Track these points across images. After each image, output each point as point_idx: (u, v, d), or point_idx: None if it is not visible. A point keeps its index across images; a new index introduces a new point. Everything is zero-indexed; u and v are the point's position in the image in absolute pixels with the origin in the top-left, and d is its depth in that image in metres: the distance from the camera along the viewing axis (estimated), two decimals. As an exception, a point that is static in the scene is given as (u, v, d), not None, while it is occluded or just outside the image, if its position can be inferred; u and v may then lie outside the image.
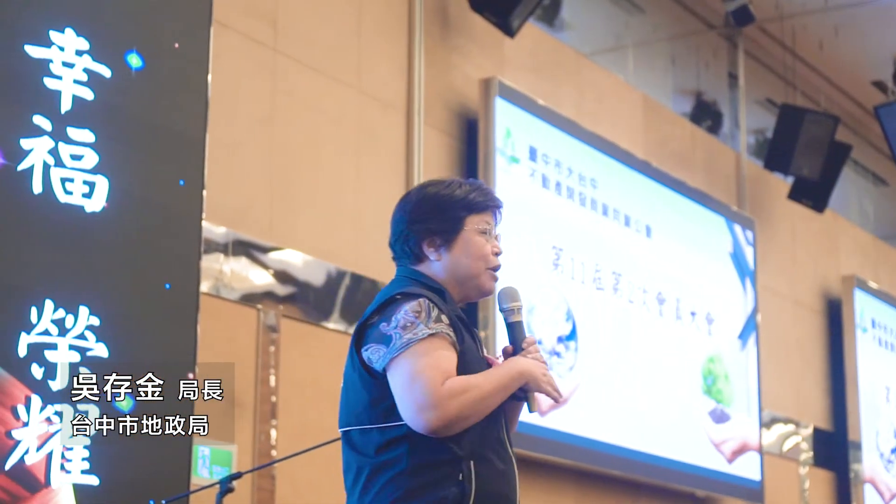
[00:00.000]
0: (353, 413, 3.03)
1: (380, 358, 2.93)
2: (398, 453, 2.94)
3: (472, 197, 3.11)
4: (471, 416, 2.90)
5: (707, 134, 9.83)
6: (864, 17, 9.95)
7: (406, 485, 2.92)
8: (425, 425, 2.86)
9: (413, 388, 2.88)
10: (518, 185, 7.21)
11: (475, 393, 2.91)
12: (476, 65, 7.35)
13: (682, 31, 10.03)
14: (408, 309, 2.94)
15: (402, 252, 3.13)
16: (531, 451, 7.05)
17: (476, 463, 2.95)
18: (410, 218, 3.10)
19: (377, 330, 2.96)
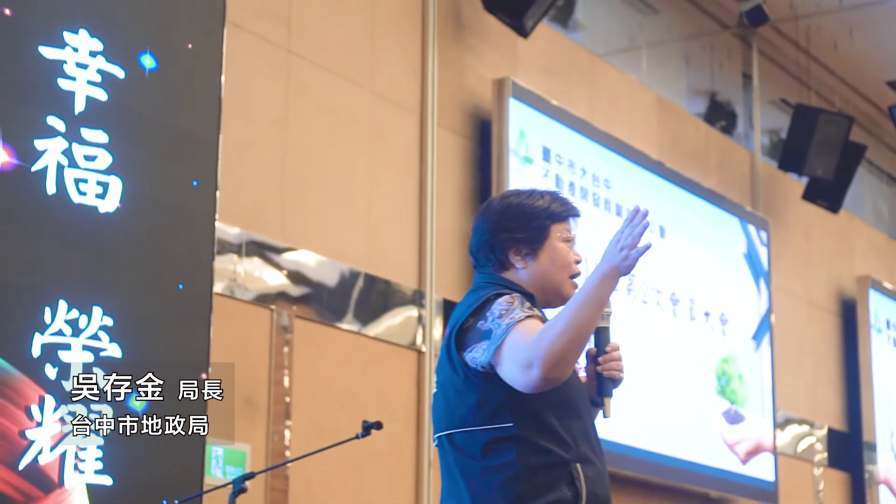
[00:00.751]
0: (455, 416, 3.05)
1: (484, 351, 2.97)
2: (507, 456, 2.97)
3: (554, 206, 3.17)
4: (572, 346, 2.90)
5: (721, 134, 9.81)
6: (878, 16, 9.92)
7: (519, 488, 2.96)
8: (536, 379, 2.88)
9: (515, 356, 2.90)
10: (532, 185, 7.18)
11: (560, 321, 2.91)
12: (489, 65, 7.35)
13: (696, 31, 10.01)
14: (502, 301, 3.00)
15: (487, 259, 3.17)
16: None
17: (582, 465, 3.00)
18: (496, 227, 3.16)
19: (476, 330, 3.00)
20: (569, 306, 2.93)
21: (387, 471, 6.35)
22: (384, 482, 6.33)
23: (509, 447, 2.97)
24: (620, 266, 2.97)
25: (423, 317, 6.64)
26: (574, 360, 2.93)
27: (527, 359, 2.88)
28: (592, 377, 3.15)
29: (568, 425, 3.01)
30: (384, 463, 6.33)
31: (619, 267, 2.96)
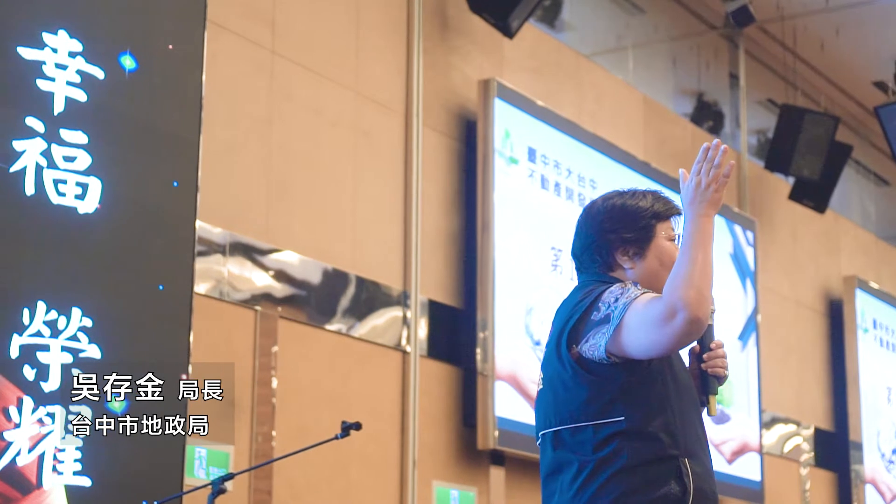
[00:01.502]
0: (565, 412, 3.07)
1: (604, 334, 2.99)
2: (616, 451, 2.99)
3: (658, 206, 3.21)
4: (704, 283, 2.95)
5: (708, 134, 9.81)
6: (865, 17, 9.93)
7: (628, 481, 2.98)
8: (682, 325, 2.90)
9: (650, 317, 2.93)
10: (517, 185, 7.21)
11: (682, 267, 2.95)
12: (475, 66, 7.35)
13: (682, 31, 10.02)
14: (613, 288, 3.05)
15: (592, 261, 3.20)
16: (530, 453, 7.05)
17: (690, 460, 3.02)
18: (602, 228, 3.19)
19: (590, 321, 3.03)
20: (683, 255, 2.96)
21: (372, 471, 6.35)
22: (369, 482, 6.33)
23: (620, 441, 3.00)
24: (712, 201, 3.03)
25: (407, 317, 6.64)
26: (709, 297, 2.96)
27: (666, 309, 2.91)
28: (696, 375, 3.18)
29: (676, 421, 3.02)
30: (369, 463, 6.33)
31: (710, 202, 3.03)
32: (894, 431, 10.97)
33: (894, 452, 10.93)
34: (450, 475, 6.74)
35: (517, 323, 7.04)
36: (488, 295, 6.88)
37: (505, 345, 6.90)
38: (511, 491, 7.08)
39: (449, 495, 6.65)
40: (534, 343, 7.12)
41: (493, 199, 6.98)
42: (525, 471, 7.19)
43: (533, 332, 7.14)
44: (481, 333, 6.86)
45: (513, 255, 7.08)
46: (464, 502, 6.72)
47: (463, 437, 6.86)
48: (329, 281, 6.28)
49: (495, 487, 6.97)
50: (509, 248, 7.07)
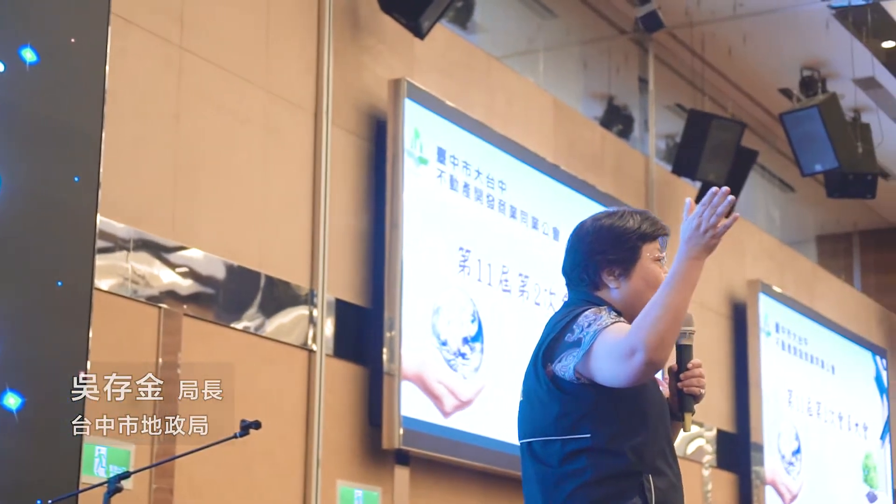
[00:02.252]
0: (538, 425, 3.18)
1: (573, 357, 3.08)
2: (581, 465, 3.09)
3: (645, 227, 3.28)
4: (670, 329, 2.99)
5: (617, 138, 9.91)
6: (771, 25, 10.09)
7: (590, 495, 3.07)
8: (639, 366, 2.97)
9: (612, 351, 3.01)
10: (426, 186, 7.22)
11: (655, 308, 3.00)
12: (386, 66, 7.35)
13: (593, 35, 10.10)
14: (588, 313, 3.13)
15: (580, 280, 3.28)
16: (435, 453, 7.07)
17: (654, 476, 3.11)
18: (590, 248, 3.26)
19: (564, 342, 3.12)
20: (661, 293, 3.02)
21: (275, 470, 6.33)
22: (272, 481, 6.30)
23: (585, 457, 3.09)
24: (706, 245, 3.06)
25: (314, 316, 6.63)
26: (672, 344, 3.02)
27: (628, 347, 2.98)
28: (674, 393, 3.26)
29: (643, 438, 3.12)
30: (273, 462, 6.31)
31: (705, 247, 3.06)
32: (794, 433, 11.15)
33: (794, 454, 11.11)
34: (354, 474, 6.74)
35: (424, 323, 7.06)
36: (396, 295, 6.89)
37: (412, 345, 6.92)
38: (415, 490, 7.09)
39: (353, 495, 6.65)
40: (440, 343, 7.14)
41: (401, 199, 6.99)
42: (430, 470, 7.21)
43: (440, 332, 7.16)
44: (388, 333, 6.86)
45: (421, 255, 7.10)
46: (368, 502, 6.72)
47: (368, 436, 6.86)
48: (235, 279, 6.25)
49: (399, 487, 6.98)
50: (418, 248, 7.08)
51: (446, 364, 7.17)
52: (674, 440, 3.30)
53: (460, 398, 7.24)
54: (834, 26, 10.03)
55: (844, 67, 10.47)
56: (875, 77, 10.78)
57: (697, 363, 3.28)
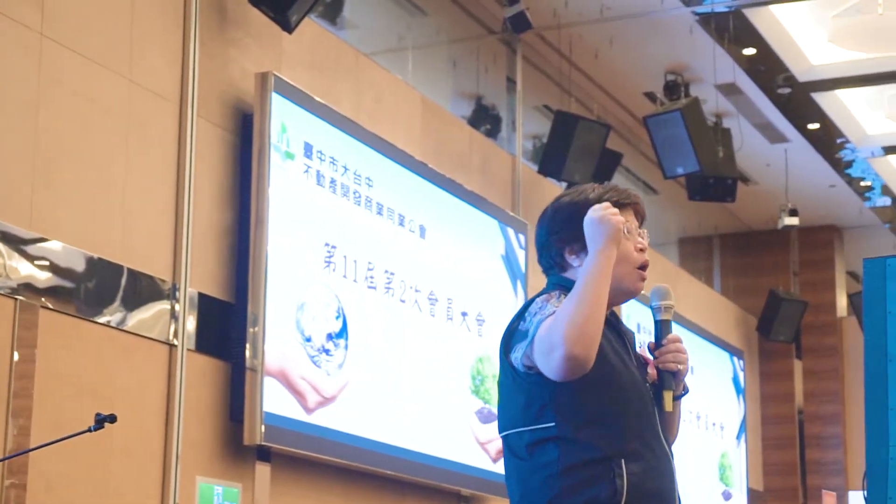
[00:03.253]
0: (508, 417, 3.14)
1: (525, 351, 3.03)
2: (550, 455, 3.04)
3: (607, 197, 3.17)
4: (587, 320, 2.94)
5: (485, 137, 9.97)
6: (637, 29, 10.24)
7: (560, 485, 3.01)
8: (559, 362, 2.94)
9: (540, 348, 2.97)
10: (292, 181, 7.18)
11: (570, 303, 2.96)
12: (253, 59, 7.29)
13: (462, 34, 10.15)
14: (538, 301, 3.09)
15: (548, 265, 3.24)
16: (297, 449, 7.04)
17: (626, 461, 3.04)
18: (549, 229, 3.21)
19: (518, 332, 3.08)
20: (575, 287, 2.98)
21: (133, 465, 6.23)
22: (130, 477, 6.21)
23: (552, 446, 3.04)
24: (607, 233, 3.03)
25: (176, 310, 6.54)
26: (596, 336, 2.95)
27: (549, 343, 2.94)
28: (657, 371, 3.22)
29: (614, 421, 3.06)
30: (131, 457, 6.22)
31: (606, 235, 3.03)
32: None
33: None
34: (214, 471, 6.67)
35: (288, 319, 7.02)
36: (260, 290, 6.83)
37: (275, 340, 6.87)
38: (276, 487, 7.05)
39: (213, 491, 6.58)
40: (304, 339, 7.11)
41: (267, 194, 6.94)
42: (291, 467, 7.17)
43: (304, 328, 7.12)
44: (251, 328, 6.81)
45: (286, 250, 7.05)
46: (228, 498, 6.66)
47: (229, 432, 6.79)
48: (96, 272, 6.14)
49: (260, 483, 6.93)
50: (283, 243, 7.03)
51: (310, 360, 7.14)
52: (672, 421, 3.25)
53: (323, 395, 7.22)
54: (697, 32, 10.23)
55: (707, 73, 10.69)
56: (736, 83, 11.02)
57: (675, 338, 3.24)
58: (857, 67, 10.99)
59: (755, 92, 11.27)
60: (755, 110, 11.65)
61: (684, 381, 3.28)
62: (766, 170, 13.06)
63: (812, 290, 14.59)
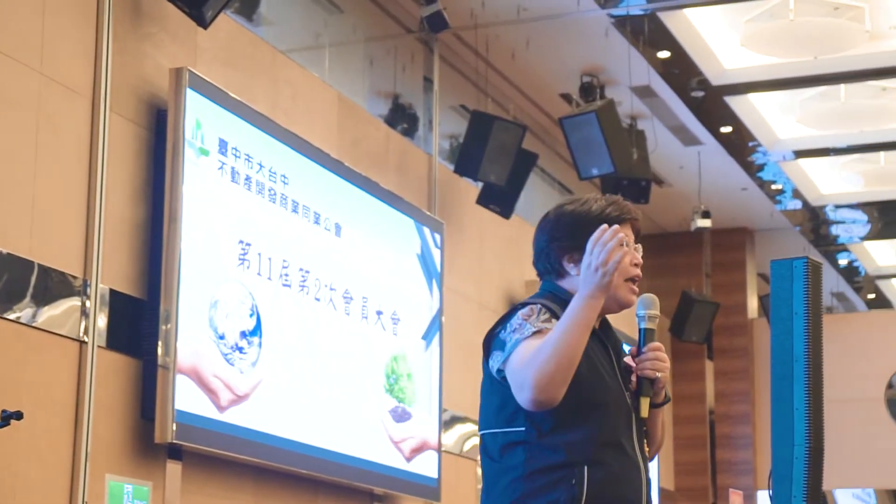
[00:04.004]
0: (484, 417, 3.27)
1: (497, 363, 3.17)
2: (518, 458, 3.15)
3: (609, 211, 3.30)
4: (559, 369, 3.06)
5: (402, 136, 9.97)
6: (553, 30, 10.30)
7: (522, 488, 3.13)
8: (527, 400, 3.08)
9: (513, 378, 3.11)
10: (206, 177, 7.12)
11: (547, 347, 3.07)
12: (168, 54, 7.23)
13: (380, 33, 10.14)
14: (519, 314, 3.20)
15: (545, 269, 3.35)
16: (209, 447, 6.99)
17: (590, 467, 3.13)
18: (550, 236, 3.32)
19: (498, 338, 3.21)
20: (556, 331, 3.09)
21: (41, 464, 6.15)
22: (37, 476, 6.13)
23: (520, 450, 3.16)
24: (600, 284, 3.13)
25: (87, 307, 6.47)
26: (564, 382, 3.08)
27: (519, 381, 3.09)
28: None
29: (583, 429, 3.16)
30: (38, 456, 6.13)
31: (598, 285, 3.13)
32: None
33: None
34: (124, 469, 6.60)
35: (201, 316, 6.96)
36: (173, 287, 6.78)
37: (188, 338, 6.82)
38: (187, 486, 6.99)
39: (123, 489, 6.52)
40: (217, 337, 7.06)
41: (181, 190, 6.88)
42: (203, 466, 7.12)
43: (217, 325, 7.07)
44: (164, 326, 6.75)
45: (200, 247, 7.00)
46: (138, 497, 6.59)
47: (140, 430, 6.73)
48: (5, 268, 6.05)
49: (171, 482, 6.87)
50: (196, 240, 6.98)
51: (223, 358, 7.09)
52: (655, 426, 3.36)
53: (236, 393, 7.17)
54: (613, 35, 10.30)
55: (622, 75, 10.77)
56: (651, 86, 11.12)
57: (655, 346, 3.34)
58: (769, 72, 11.14)
59: (669, 95, 11.39)
60: (669, 113, 11.77)
61: (665, 389, 3.39)
62: (680, 172, 13.20)
63: (724, 292, 14.77)
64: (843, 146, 12.80)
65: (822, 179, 13.88)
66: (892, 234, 15.73)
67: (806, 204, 14.23)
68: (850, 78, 11.31)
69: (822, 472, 3.68)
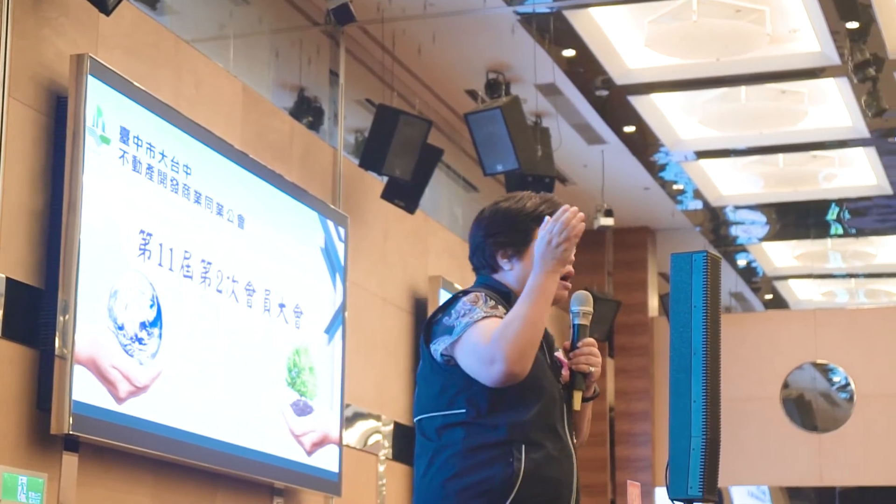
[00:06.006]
0: (423, 402, 3.36)
1: (446, 346, 3.26)
2: (456, 437, 3.26)
3: (542, 209, 3.43)
4: (529, 341, 3.20)
5: (307, 129, 9.92)
6: (460, 26, 10.32)
7: (459, 464, 3.24)
8: (500, 373, 3.18)
9: (476, 353, 3.21)
10: (107, 166, 7.03)
11: (516, 321, 3.19)
12: (69, 40, 7.12)
13: (286, 25, 10.08)
14: (465, 300, 3.31)
15: (480, 264, 3.48)
16: (107, 439, 6.90)
17: (527, 447, 3.25)
18: (486, 232, 3.45)
19: (441, 324, 3.31)
20: (521, 305, 3.22)
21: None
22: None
23: (460, 429, 3.26)
24: (559, 259, 3.26)
25: (-18, 296, 6.35)
26: (532, 354, 3.22)
27: (489, 356, 3.18)
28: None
29: (523, 411, 3.27)
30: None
31: (558, 259, 3.26)
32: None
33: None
34: (19, 460, 6.49)
35: (100, 306, 6.87)
36: (71, 276, 6.68)
37: (86, 328, 6.72)
38: (84, 478, 6.89)
39: (17, 481, 6.40)
40: (117, 327, 6.97)
41: (81, 179, 6.78)
42: (100, 458, 7.02)
43: (117, 316, 6.98)
44: (62, 316, 6.65)
45: (99, 236, 6.91)
46: (32, 489, 6.49)
47: (36, 421, 6.62)
48: None
49: (67, 473, 6.77)
50: (96, 229, 6.89)
51: (122, 349, 7.01)
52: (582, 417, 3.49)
53: (135, 384, 7.09)
54: (519, 32, 10.35)
55: (527, 72, 10.82)
56: (556, 84, 11.19)
57: (589, 342, 3.47)
58: (671, 72, 11.26)
59: (574, 93, 11.46)
60: (574, 111, 11.86)
61: (595, 384, 3.53)
62: (584, 170, 13.30)
63: (625, 290, 14.92)
64: (744, 148, 12.99)
65: (723, 180, 14.08)
66: (790, 235, 16.02)
67: (706, 204, 14.42)
68: (750, 80, 11.48)
69: (718, 462, 3.73)
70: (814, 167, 13.62)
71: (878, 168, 13.34)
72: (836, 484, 14.83)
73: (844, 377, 14.83)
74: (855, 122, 12.22)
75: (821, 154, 13.29)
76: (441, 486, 3.24)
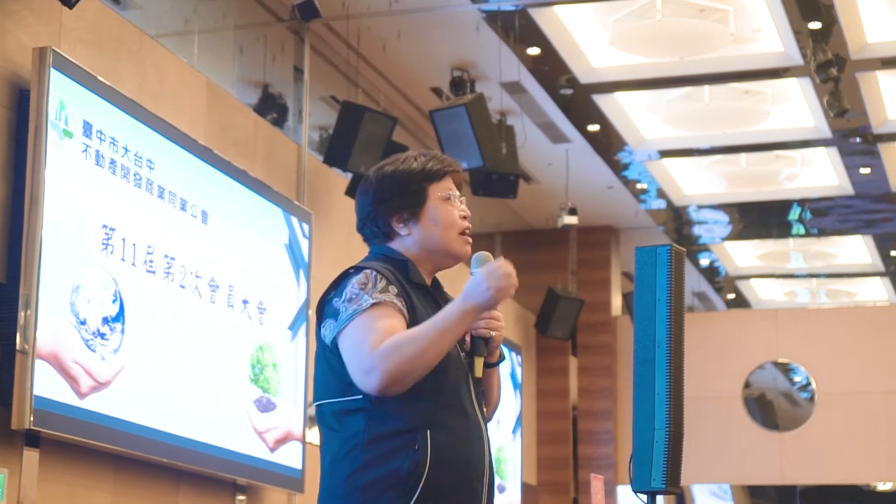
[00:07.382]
0: (319, 387, 3.18)
1: (330, 332, 3.09)
2: (357, 426, 3.06)
3: (430, 166, 3.24)
4: (415, 370, 3.00)
5: (271, 126, 9.90)
6: (425, 24, 10.32)
7: (363, 456, 3.04)
8: (371, 388, 3.00)
9: (357, 354, 3.01)
10: (70, 160, 6.99)
11: (412, 346, 2.99)
12: (31, 33, 7.07)
13: (250, 20, 10.06)
14: (354, 282, 3.10)
15: (372, 233, 3.28)
16: (68, 434, 6.86)
17: (433, 431, 3.05)
18: (375, 199, 3.23)
19: (331, 305, 3.13)
20: (425, 333, 3.00)
21: None
22: None
23: (359, 417, 3.06)
24: (485, 303, 3.07)
25: (-58, 290, 6.30)
26: (410, 382, 3.01)
27: (368, 366, 2.99)
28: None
29: (422, 393, 3.06)
30: None
31: (482, 304, 3.06)
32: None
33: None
34: (-21, 456, 6.45)
35: (62, 301, 6.83)
36: (33, 271, 6.63)
37: (48, 323, 6.68)
38: (45, 474, 6.85)
39: (-23, 477, 6.36)
40: (79, 322, 6.93)
41: (43, 173, 6.74)
42: (62, 453, 6.98)
43: (79, 310, 6.94)
44: (23, 310, 6.60)
45: (62, 231, 6.86)
46: (-7, 484, 6.44)
47: (-3, 416, 6.58)
48: None
49: (28, 469, 6.72)
50: (58, 223, 6.85)
51: (84, 344, 6.96)
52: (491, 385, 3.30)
53: (97, 379, 7.05)
54: (484, 30, 10.36)
55: (492, 70, 10.84)
56: (520, 82, 11.21)
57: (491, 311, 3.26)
58: (636, 71, 11.30)
59: (538, 91, 11.49)
60: (538, 109, 11.88)
61: (500, 349, 3.33)
62: (548, 169, 13.33)
63: (588, 289, 14.95)
64: (707, 147, 13.05)
65: (686, 180, 14.14)
66: (753, 235, 16.11)
67: (669, 204, 14.48)
68: (714, 79, 11.54)
69: (681, 455, 3.75)
70: (776, 167, 13.70)
71: (839, 168, 13.44)
72: (798, 482, 14.93)
73: (805, 376, 14.93)
74: (817, 122, 12.31)
75: (783, 154, 13.38)
76: (345, 481, 3.07)
